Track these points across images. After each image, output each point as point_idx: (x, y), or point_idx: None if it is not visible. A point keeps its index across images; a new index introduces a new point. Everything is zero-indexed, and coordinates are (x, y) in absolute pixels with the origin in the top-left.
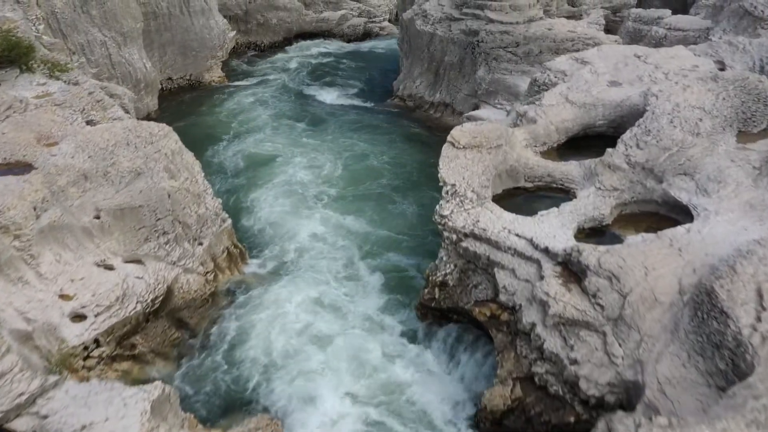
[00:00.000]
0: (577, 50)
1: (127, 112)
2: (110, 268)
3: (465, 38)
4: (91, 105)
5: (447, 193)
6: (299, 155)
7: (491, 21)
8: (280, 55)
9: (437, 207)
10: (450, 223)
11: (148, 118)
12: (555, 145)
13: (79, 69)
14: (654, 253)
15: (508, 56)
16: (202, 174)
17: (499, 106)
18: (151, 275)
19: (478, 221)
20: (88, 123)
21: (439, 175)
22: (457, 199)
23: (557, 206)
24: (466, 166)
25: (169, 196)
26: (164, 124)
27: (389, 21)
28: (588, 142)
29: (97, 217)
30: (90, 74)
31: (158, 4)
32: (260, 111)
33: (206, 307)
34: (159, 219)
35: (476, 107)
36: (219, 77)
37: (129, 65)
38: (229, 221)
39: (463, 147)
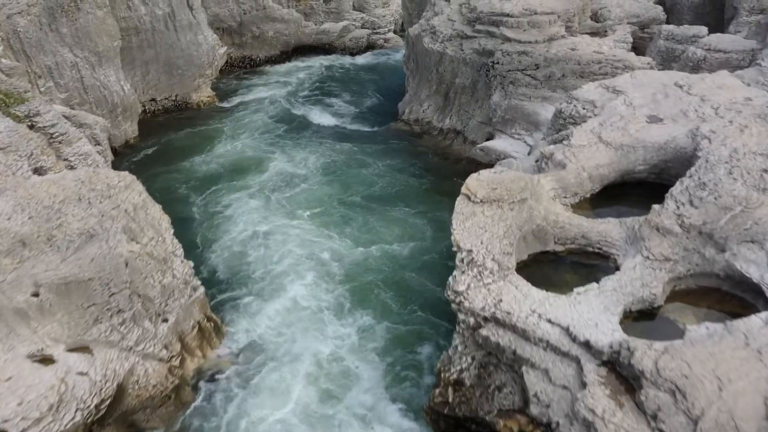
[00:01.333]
0: (605, 74)
1: (98, 143)
2: (48, 360)
3: (478, 59)
4: (41, 149)
5: (462, 261)
6: (292, 200)
7: (507, 40)
8: (276, 71)
9: (450, 280)
10: (466, 303)
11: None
12: (588, 195)
13: (44, 95)
14: (727, 356)
15: (526, 80)
16: (171, 231)
17: (516, 136)
18: (98, 369)
19: (501, 301)
20: (35, 171)
21: (452, 237)
22: (475, 269)
23: (596, 278)
24: (485, 226)
25: (126, 264)
26: (126, 173)
27: (394, 32)
28: (626, 188)
29: (36, 295)
30: (58, 100)
31: (140, 19)
32: (252, 139)
33: (168, 405)
34: (113, 294)
35: (490, 136)
36: (208, 97)
37: (104, 88)
38: (202, 289)
39: (481, 201)
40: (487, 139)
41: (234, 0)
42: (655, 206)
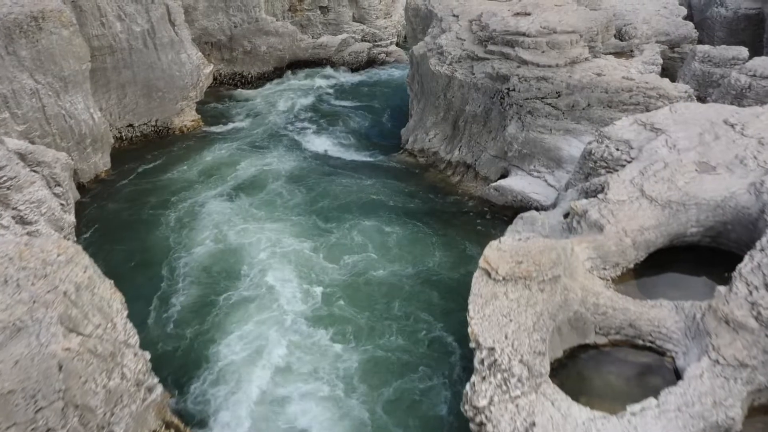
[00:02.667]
0: (636, 104)
1: (58, 184)
2: None
3: (491, 84)
4: None
5: (482, 363)
6: (282, 253)
7: (524, 63)
8: (269, 89)
9: (467, 389)
10: (489, 426)
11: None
12: (631, 265)
13: None
14: None
15: (546, 109)
16: (125, 313)
17: (535, 173)
18: None
19: (534, 424)
20: None
21: (469, 329)
22: (499, 376)
23: (650, 384)
24: (510, 313)
25: (60, 367)
26: (69, 244)
27: (397, 44)
28: (676, 250)
29: None
30: (15, 133)
31: (116, 37)
32: (238, 170)
33: None
34: (41, 409)
35: (505, 172)
36: (192, 121)
37: (70, 117)
38: (159, 389)
39: (504, 279)
40: (502, 176)
41: (224, 12)
42: (721, 289)
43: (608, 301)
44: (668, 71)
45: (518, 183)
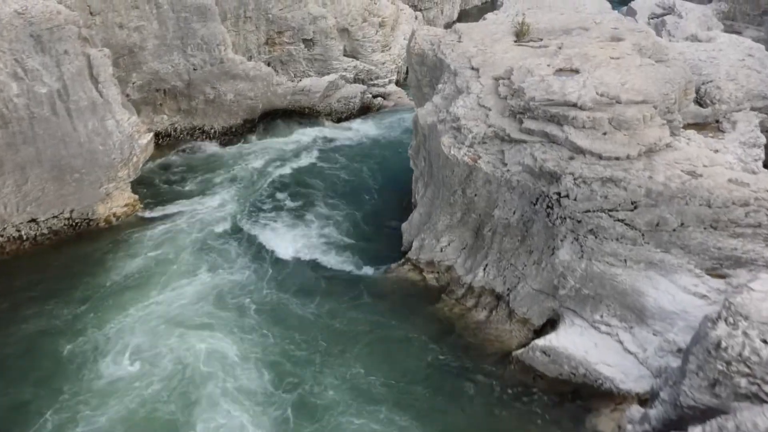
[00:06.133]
0: (757, 225)
1: None
2: None
3: (532, 183)
4: None
5: None
6: None
7: (579, 151)
8: (235, 151)
9: None
10: None
11: None
12: None
13: None
14: None
15: (618, 228)
16: None
17: (603, 327)
18: None
19: None
20: None
21: None
22: None
23: None
24: None
25: None
26: None
27: (397, 83)
28: None
29: None
30: None
31: (9, 103)
32: (172, 290)
33: None
34: None
35: (556, 317)
36: (125, 206)
37: None
38: None
39: None
40: (550, 322)
41: (180, 52)
42: None
43: None
44: None
45: (578, 345)
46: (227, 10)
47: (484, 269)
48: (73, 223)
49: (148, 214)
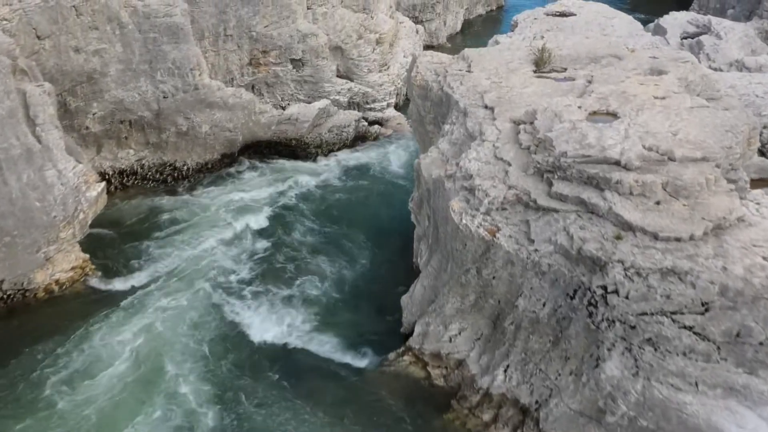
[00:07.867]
0: None
1: None
2: None
3: (567, 268)
4: None
5: None
6: None
7: (627, 227)
8: (210, 193)
9: None
10: None
11: None
12: None
13: None
14: None
15: (685, 339)
16: None
17: None
18: None
19: None
20: None
21: None
22: None
23: None
24: None
25: None
26: None
27: (396, 106)
28: None
29: None
30: None
31: None
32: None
33: None
34: None
35: None
36: (72, 271)
37: None
38: None
39: None
40: None
41: (147, 77)
42: None
43: None
44: None
45: None
46: (205, 28)
47: (505, 371)
48: (4, 296)
49: (97, 283)
